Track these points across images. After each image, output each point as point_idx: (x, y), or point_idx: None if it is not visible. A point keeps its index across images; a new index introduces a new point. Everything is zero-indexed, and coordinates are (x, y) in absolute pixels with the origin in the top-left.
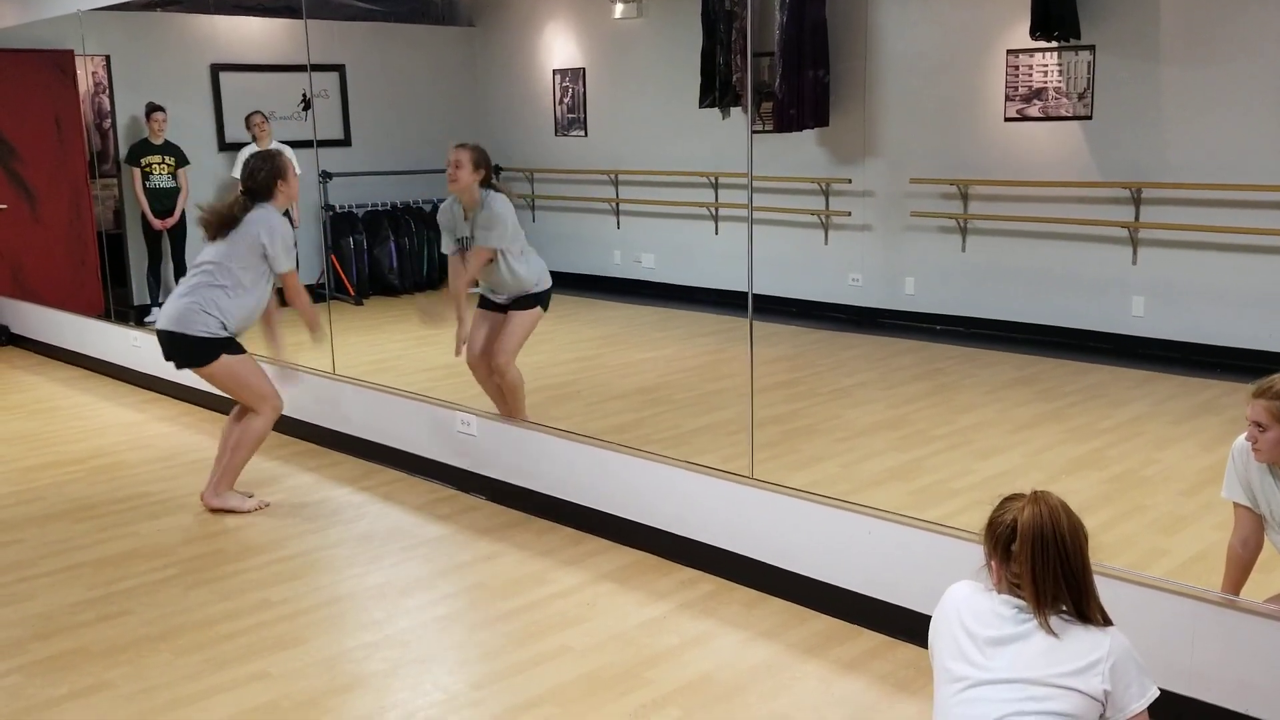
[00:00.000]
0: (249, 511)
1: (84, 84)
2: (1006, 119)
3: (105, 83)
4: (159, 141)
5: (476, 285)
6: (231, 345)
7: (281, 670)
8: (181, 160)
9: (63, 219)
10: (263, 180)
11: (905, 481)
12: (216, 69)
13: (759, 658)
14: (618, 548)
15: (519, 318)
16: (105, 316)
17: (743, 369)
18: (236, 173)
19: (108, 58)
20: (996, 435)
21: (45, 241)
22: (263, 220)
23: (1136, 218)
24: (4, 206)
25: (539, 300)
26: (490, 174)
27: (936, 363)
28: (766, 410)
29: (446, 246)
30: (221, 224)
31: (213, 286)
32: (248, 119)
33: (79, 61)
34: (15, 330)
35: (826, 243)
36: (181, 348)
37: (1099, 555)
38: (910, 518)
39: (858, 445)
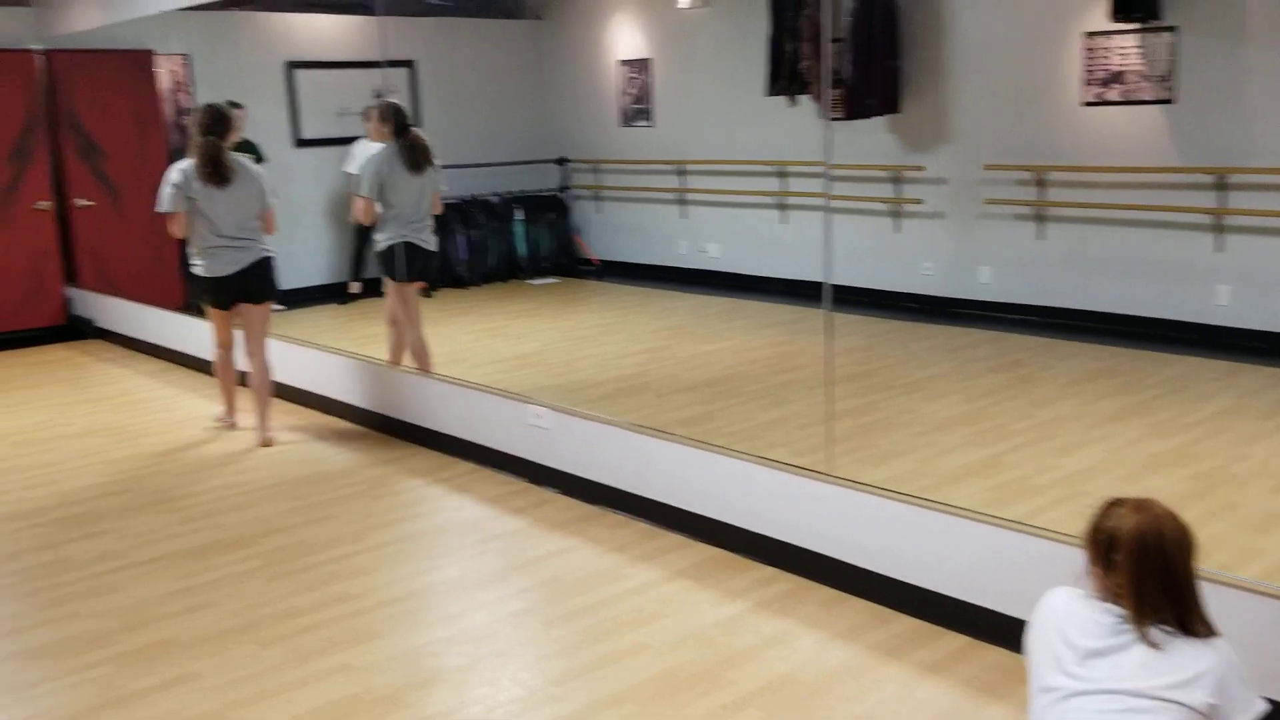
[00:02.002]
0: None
1: (164, 82)
2: (1084, 103)
3: (185, 80)
4: (237, 139)
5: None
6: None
7: (362, 663)
8: (258, 157)
9: (144, 215)
10: None
11: (985, 478)
12: (292, 66)
13: (839, 659)
14: (692, 544)
15: None
16: (183, 309)
17: (813, 360)
18: (352, 168)
19: (187, 56)
20: (1078, 430)
21: (127, 236)
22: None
23: (1221, 203)
24: (90, 203)
25: None
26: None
27: (1013, 354)
28: (840, 403)
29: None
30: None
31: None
32: (365, 113)
33: (159, 60)
34: (100, 324)
35: (898, 231)
36: (269, 277)
37: None
38: (994, 517)
39: (935, 440)
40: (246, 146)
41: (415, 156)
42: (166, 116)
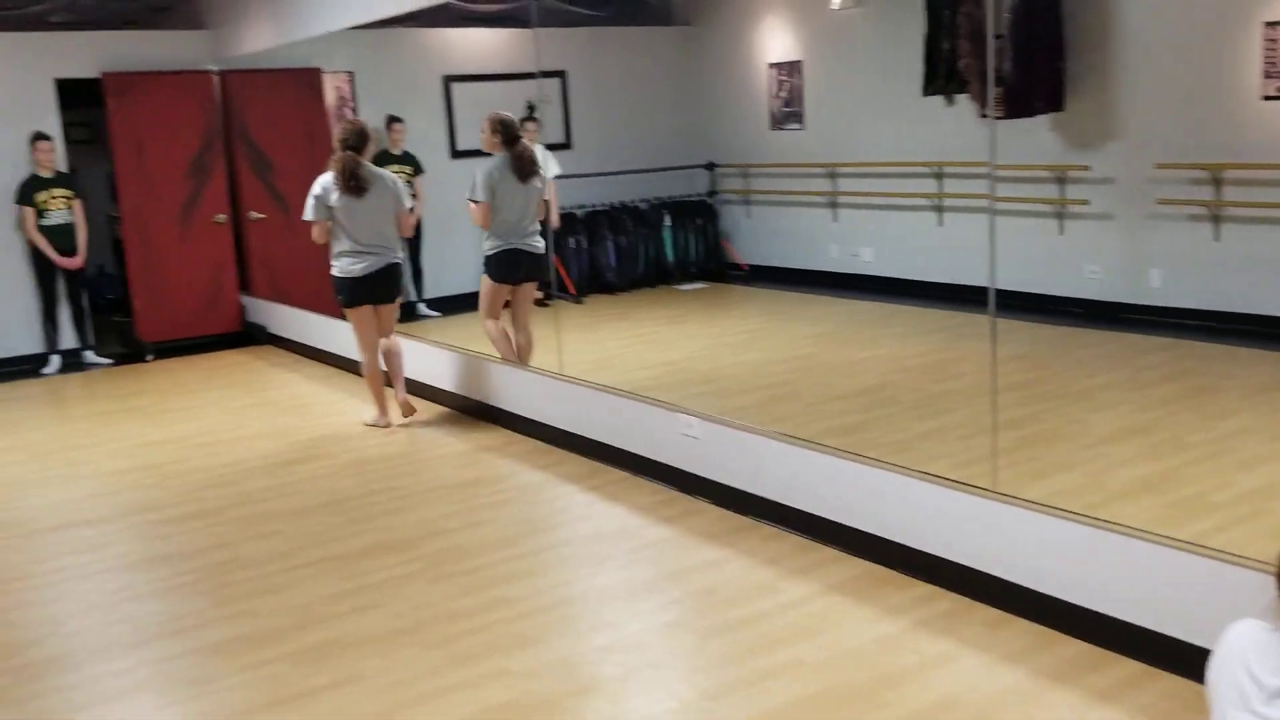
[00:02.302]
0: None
1: (330, 98)
2: (1264, 97)
3: (349, 96)
4: (398, 151)
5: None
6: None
7: (521, 668)
8: (417, 169)
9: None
10: None
11: (1159, 494)
12: (448, 80)
13: (1005, 682)
14: (848, 558)
15: None
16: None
17: (973, 368)
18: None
19: (351, 73)
20: (1259, 443)
21: (296, 247)
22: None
23: None
24: (262, 216)
25: None
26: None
27: (1187, 362)
28: (1003, 413)
29: None
30: None
31: None
32: (520, 124)
33: (326, 78)
34: (272, 330)
35: (1062, 233)
36: (397, 280)
37: None
38: (1168, 537)
39: (1104, 452)
40: (406, 158)
41: (523, 167)
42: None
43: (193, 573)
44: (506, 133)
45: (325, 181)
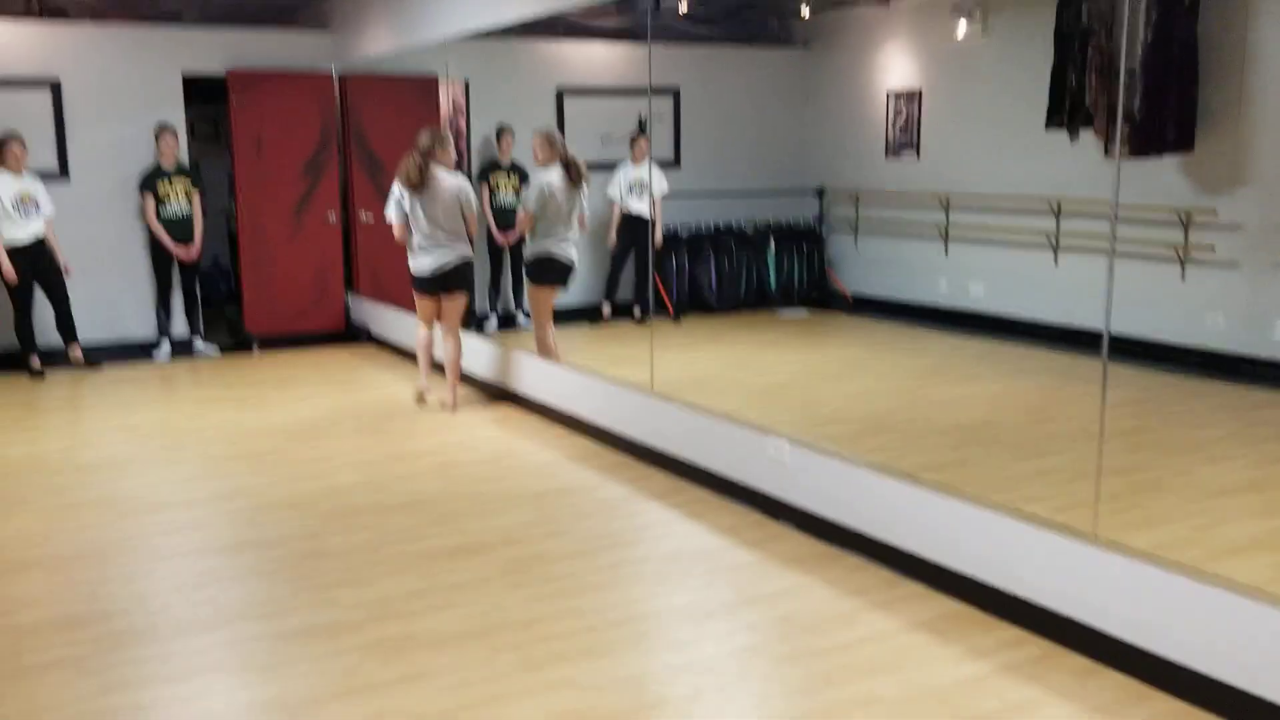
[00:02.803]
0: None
1: (447, 105)
2: None
3: (463, 105)
4: (506, 162)
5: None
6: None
7: (589, 680)
8: (524, 179)
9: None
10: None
11: (1272, 552)
12: (561, 92)
13: None
14: (935, 595)
15: None
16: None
17: (1080, 411)
18: (612, 192)
19: (466, 82)
20: None
21: (400, 250)
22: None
23: None
24: (372, 217)
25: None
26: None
27: None
28: (1108, 459)
29: None
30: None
31: None
32: (631, 138)
33: (441, 85)
34: (374, 330)
35: (1184, 280)
36: (466, 276)
37: None
38: (1276, 597)
39: (1213, 506)
40: (513, 168)
41: (574, 178)
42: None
43: (278, 560)
44: (558, 145)
45: (401, 184)
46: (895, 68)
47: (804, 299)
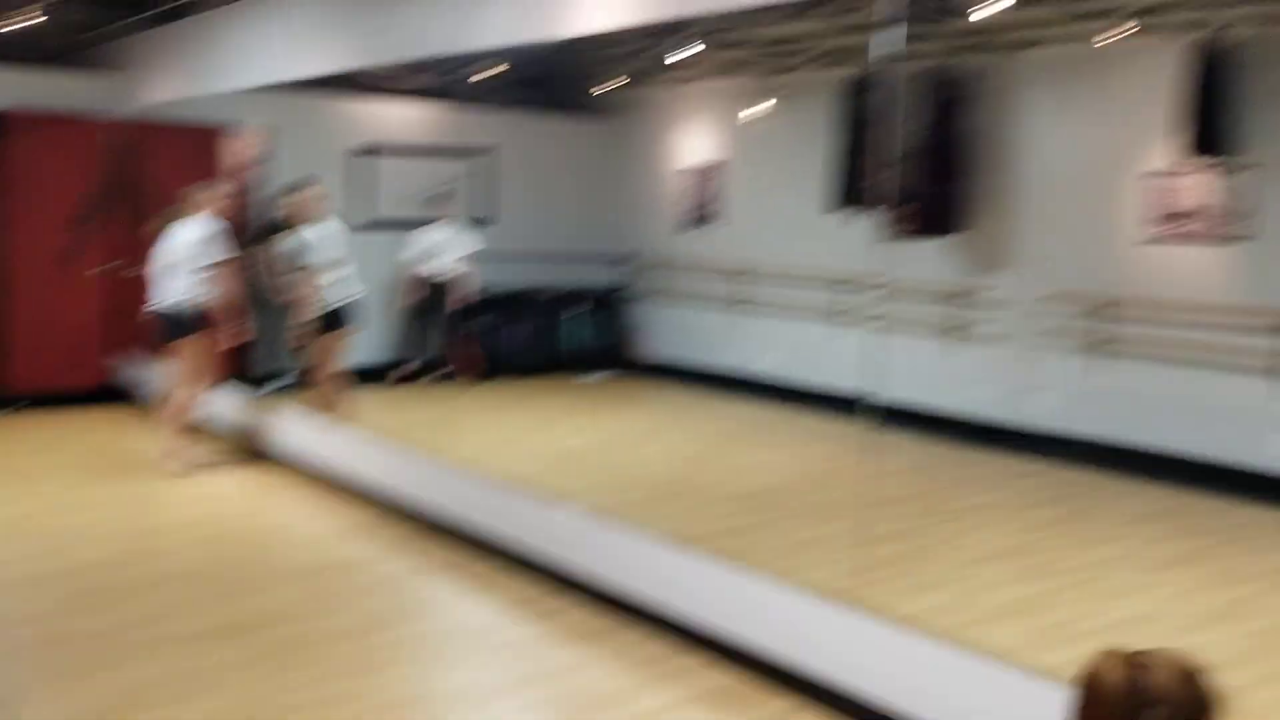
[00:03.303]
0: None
1: (242, 157)
2: (1149, 238)
3: (259, 156)
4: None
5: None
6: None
7: None
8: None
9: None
10: None
11: (1028, 617)
12: (367, 149)
13: None
14: (717, 665)
15: None
16: (231, 381)
17: (856, 479)
18: (413, 252)
19: (263, 133)
20: (1130, 573)
21: None
22: None
23: None
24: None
25: None
26: None
27: (1067, 488)
28: (882, 526)
29: None
30: None
31: None
32: (436, 199)
33: (232, 136)
34: (141, 389)
35: (956, 352)
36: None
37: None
38: (1028, 667)
39: (978, 572)
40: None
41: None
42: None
43: (11, 646)
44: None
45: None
46: (696, 143)
47: (608, 362)
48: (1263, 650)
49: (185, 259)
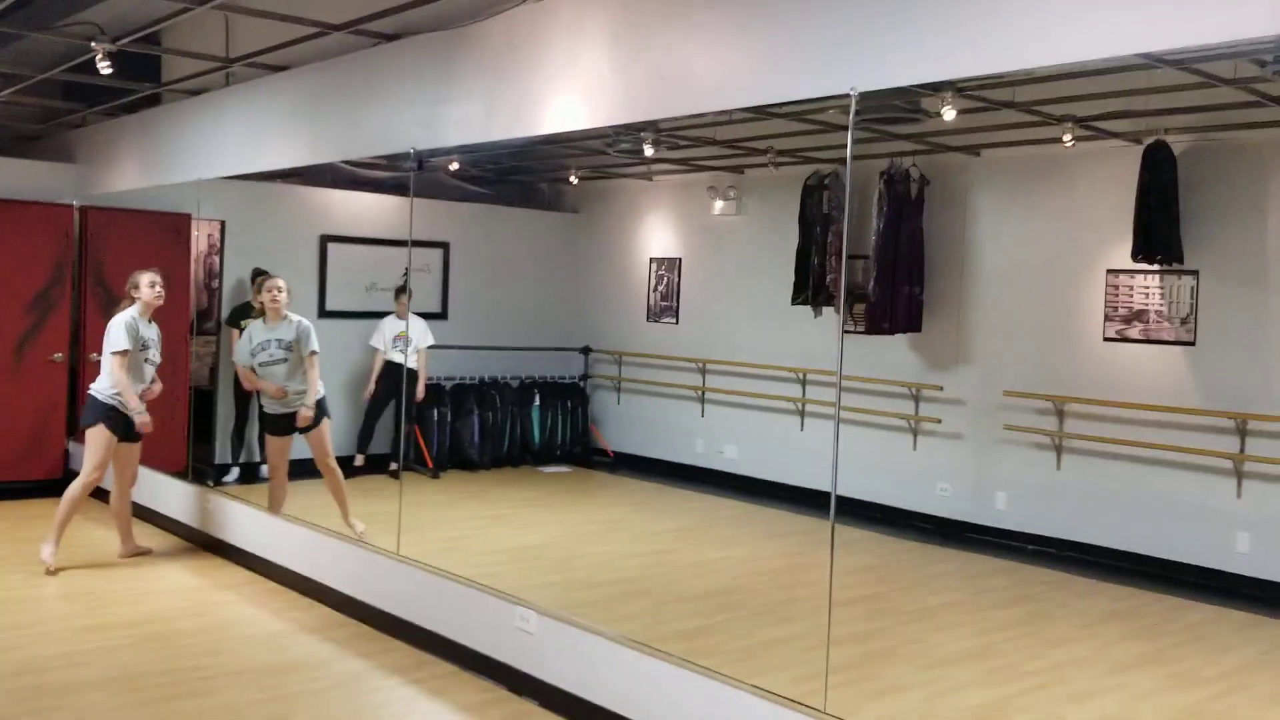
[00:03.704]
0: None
1: (199, 245)
2: (1105, 338)
3: (217, 245)
4: (258, 305)
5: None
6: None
7: None
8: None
9: (160, 374)
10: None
11: None
12: (325, 239)
13: None
14: None
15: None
16: (184, 474)
17: (820, 577)
18: (375, 342)
19: (223, 222)
20: (1091, 676)
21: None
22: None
23: (1241, 449)
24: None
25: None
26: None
27: (1028, 587)
28: (845, 627)
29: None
30: None
31: None
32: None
33: (195, 224)
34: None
35: (915, 449)
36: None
37: None
38: None
39: (942, 675)
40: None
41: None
42: (195, 279)
43: None
44: None
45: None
46: (657, 237)
47: (567, 455)
48: None
49: (105, 348)
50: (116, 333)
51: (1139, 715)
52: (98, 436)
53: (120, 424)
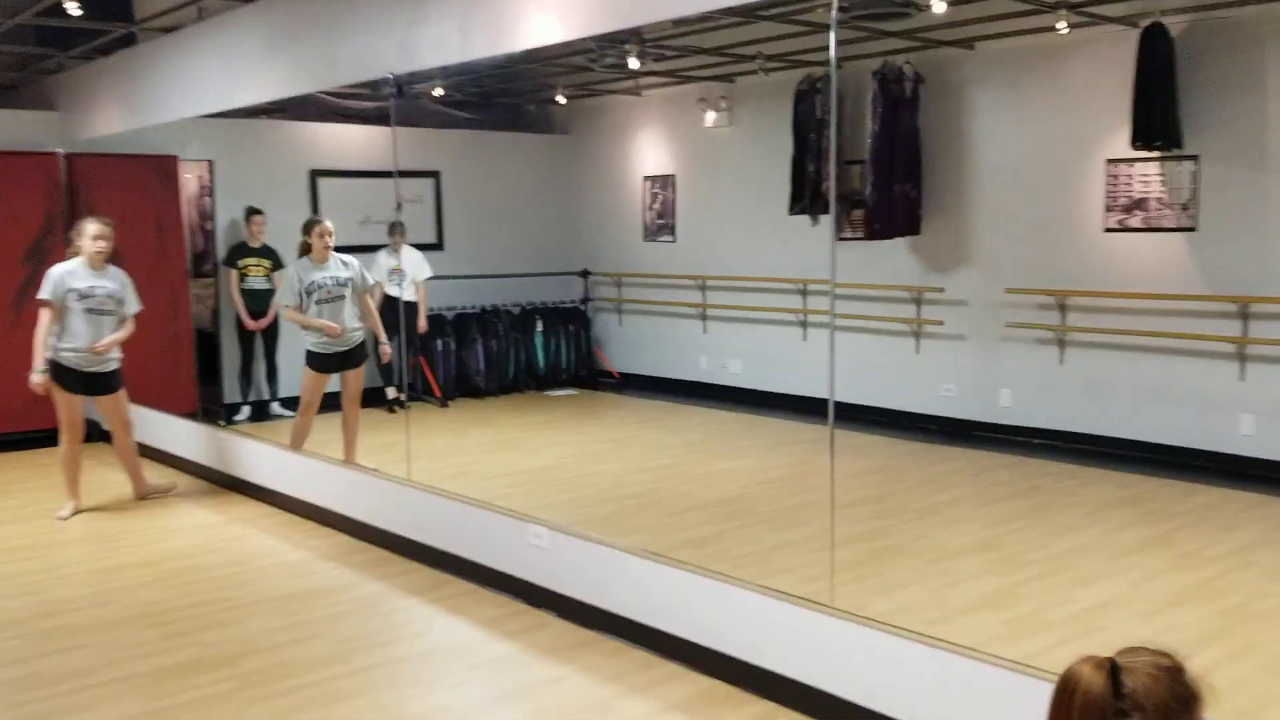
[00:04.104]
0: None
1: (190, 187)
2: (1106, 229)
3: (208, 186)
4: (257, 244)
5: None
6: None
7: None
8: (278, 263)
9: (159, 318)
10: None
11: (999, 610)
12: (315, 174)
13: None
14: (690, 674)
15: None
16: (194, 415)
17: (828, 481)
18: (380, 276)
19: (210, 162)
20: (1097, 561)
21: (141, 340)
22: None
23: (1244, 333)
24: None
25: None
26: None
27: (1033, 480)
28: (852, 527)
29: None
30: None
31: None
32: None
33: (183, 166)
34: (107, 427)
35: (918, 352)
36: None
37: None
38: (998, 658)
39: (949, 568)
40: (265, 252)
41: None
42: (188, 221)
43: None
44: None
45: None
46: (650, 154)
47: (572, 379)
48: (1231, 628)
49: None
50: (43, 282)
51: (1145, 596)
52: (55, 395)
53: (69, 378)
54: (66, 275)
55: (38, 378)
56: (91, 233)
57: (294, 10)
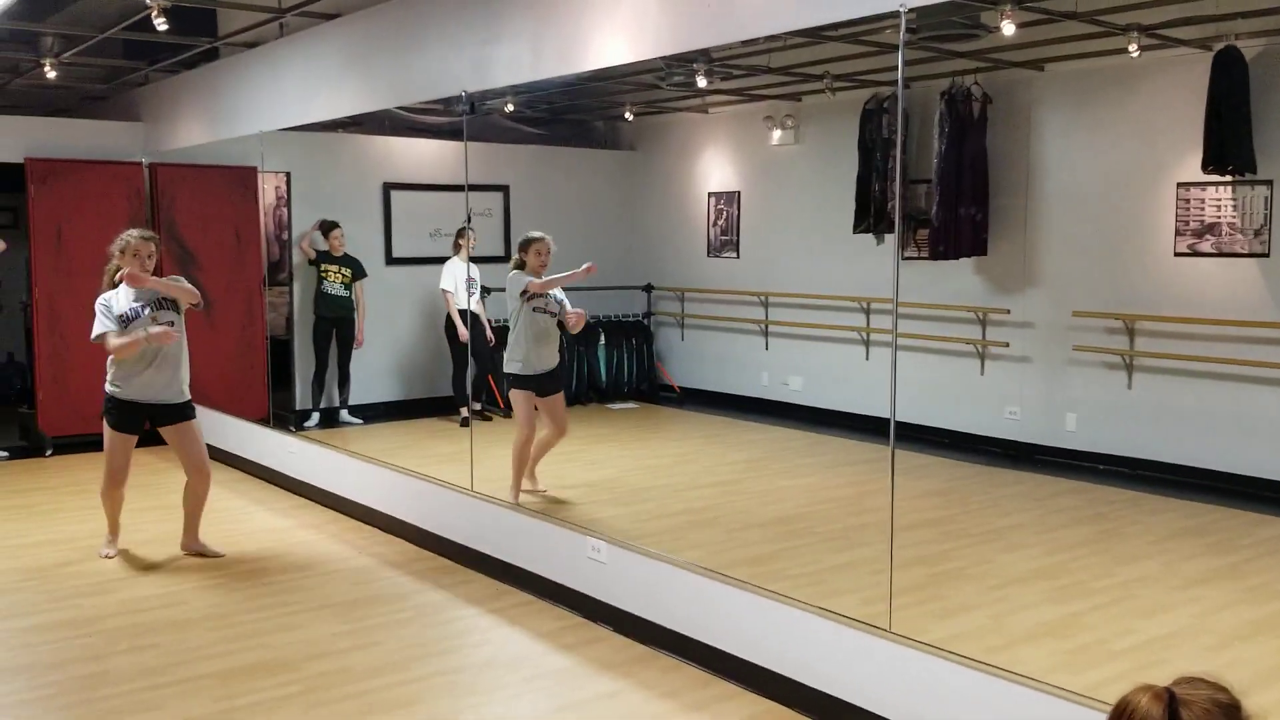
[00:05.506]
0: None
1: (268, 198)
2: (1176, 254)
3: (285, 197)
4: (338, 254)
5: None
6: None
7: None
8: (359, 272)
9: (235, 325)
10: None
11: (1061, 639)
12: (388, 186)
13: None
14: (746, 694)
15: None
16: (266, 421)
17: (888, 502)
18: (446, 284)
19: (288, 174)
20: (1163, 591)
21: (218, 346)
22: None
23: None
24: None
25: None
26: None
27: (1098, 506)
28: (912, 550)
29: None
30: None
31: None
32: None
33: (261, 177)
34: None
35: (983, 373)
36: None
37: None
38: (1059, 688)
39: (1010, 594)
40: (347, 261)
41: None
42: (265, 231)
43: (53, 686)
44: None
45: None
46: (716, 171)
47: (634, 392)
48: None
49: None
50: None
51: (1211, 628)
52: (105, 434)
53: (117, 415)
54: (110, 301)
55: (147, 332)
56: (146, 253)
57: (372, 28)
